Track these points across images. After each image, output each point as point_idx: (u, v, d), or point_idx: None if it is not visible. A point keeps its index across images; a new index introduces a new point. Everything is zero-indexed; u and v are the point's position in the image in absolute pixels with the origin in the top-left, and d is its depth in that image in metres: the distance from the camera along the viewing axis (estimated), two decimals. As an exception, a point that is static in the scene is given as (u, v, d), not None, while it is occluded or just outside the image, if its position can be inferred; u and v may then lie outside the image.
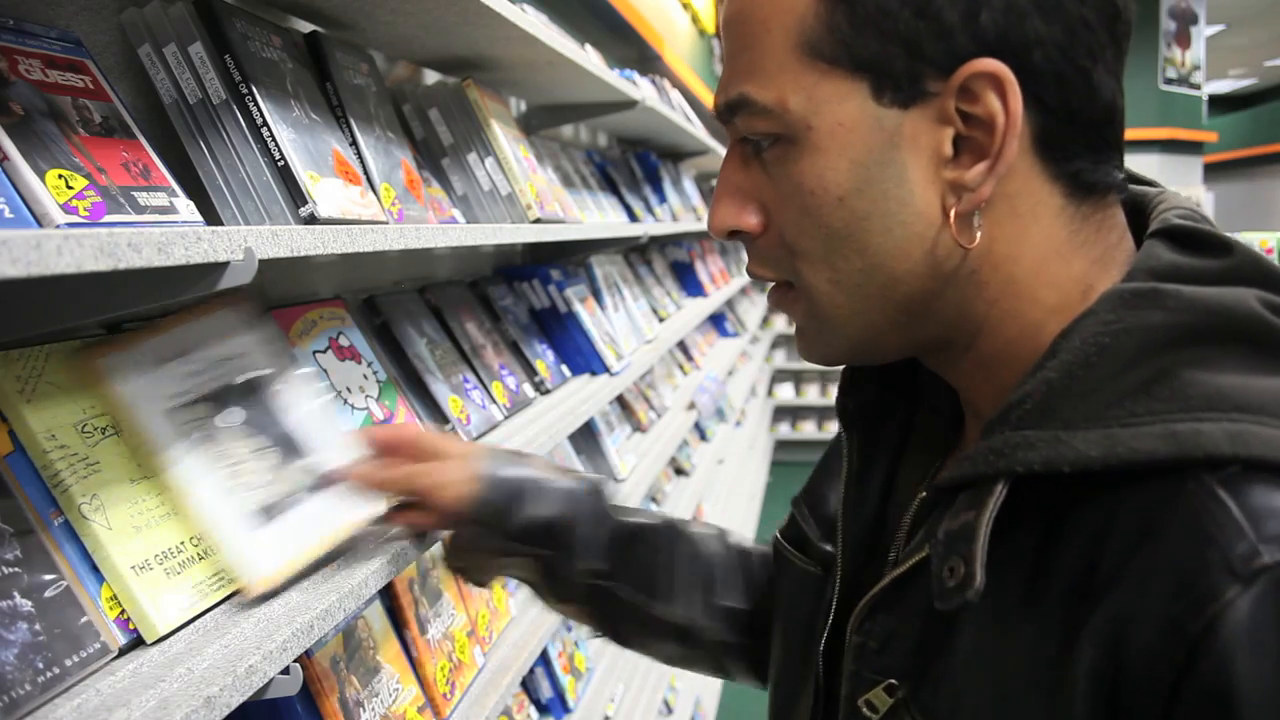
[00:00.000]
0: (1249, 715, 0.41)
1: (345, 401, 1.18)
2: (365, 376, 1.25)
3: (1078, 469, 0.48)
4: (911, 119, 0.53)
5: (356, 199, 1.09)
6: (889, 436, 0.70)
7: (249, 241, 0.77)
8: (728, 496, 4.51)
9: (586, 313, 2.12)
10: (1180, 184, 7.46)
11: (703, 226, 3.77)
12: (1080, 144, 0.55)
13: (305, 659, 0.97)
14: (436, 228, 1.19)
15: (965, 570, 0.50)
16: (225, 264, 0.75)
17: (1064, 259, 0.56)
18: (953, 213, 0.54)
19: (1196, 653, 0.42)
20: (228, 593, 0.85)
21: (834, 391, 0.74)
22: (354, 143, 1.20)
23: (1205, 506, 0.44)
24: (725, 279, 4.58)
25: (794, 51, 0.54)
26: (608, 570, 0.88)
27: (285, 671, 0.77)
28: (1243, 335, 0.49)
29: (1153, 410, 0.47)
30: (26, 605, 0.69)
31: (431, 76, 1.82)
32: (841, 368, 0.73)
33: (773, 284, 0.63)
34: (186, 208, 0.87)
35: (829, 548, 0.72)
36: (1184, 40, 7.25)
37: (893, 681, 0.59)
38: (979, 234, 0.54)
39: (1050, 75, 0.52)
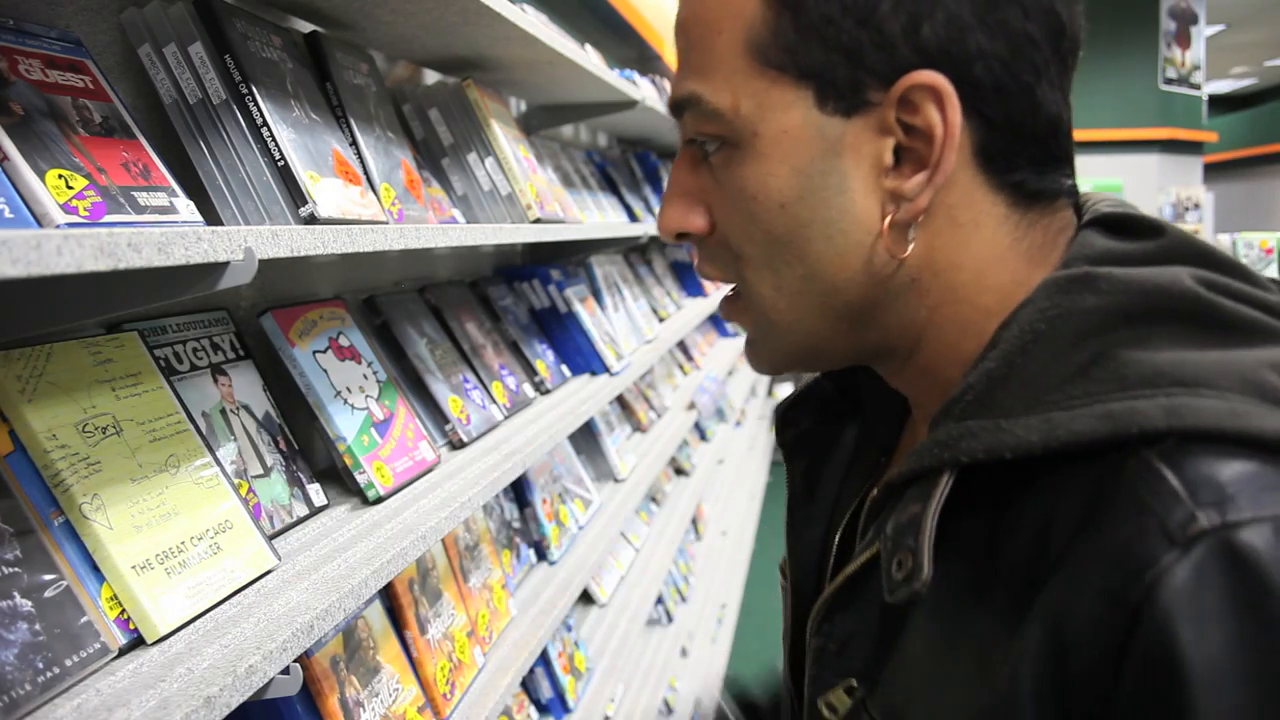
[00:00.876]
0: (1196, 680, 0.41)
1: (345, 401, 1.18)
2: (365, 376, 1.25)
3: (1020, 455, 0.48)
4: (854, 128, 0.54)
5: (356, 199, 1.09)
6: (833, 461, 0.72)
7: (249, 241, 0.77)
8: (728, 496, 4.51)
9: (586, 313, 2.12)
10: (1180, 184, 7.45)
11: (703, 226, 3.77)
12: (1023, 156, 0.55)
13: (305, 659, 0.97)
14: (436, 228, 1.19)
15: (913, 562, 0.50)
16: (225, 264, 0.75)
17: (1005, 264, 0.56)
18: (887, 222, 0.54)
19: (1139, 619, 0.43)
20: (228, 592, 0.85)
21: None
22: (354, 143, 1.20)
23: (1143, 479, 0.45)
24: (725, 279, 4.57)
25: (744, 56, 0.55)
26: None
27: (285, 671, 0.77)
28: (1178, 312, 0.49)
29: (1089, 392, 0.48)
30: (26, 605, 0.69)
31: (431, 76, 1.82)
32: (783, 399, 0.76)
33: (724, 296, 0.64)
34: (186, 208, 0.87)
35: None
36: (1184, 40, 7.25)
37: (852, 682, 0.59)
38: (912, 244, 0.55)
39: (991, 89, 0.52)
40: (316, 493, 1.13)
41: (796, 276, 0.57)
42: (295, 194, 0.98)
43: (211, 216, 0.97)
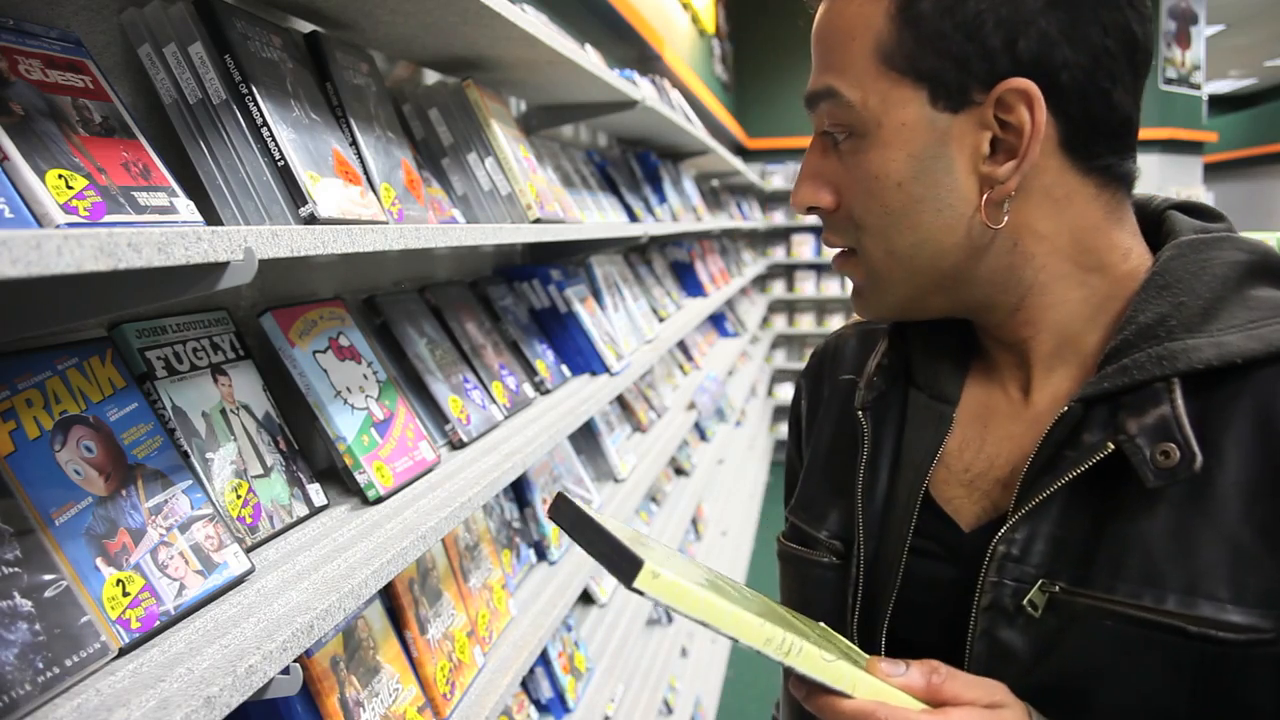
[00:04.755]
0: None
1: (345, 401, 1.18)
2: (365, 376, 1.25)
3: (1246, 359, 0.61)
4: (959, 122, 0.66)
5: (356, 199, 1.09)
6: (892, 423, 0.79)
7: (249, 241, 0.77)
8: (728, 496, 4.51)
9: (586, 313, 2.11)
10: (1180, 184, 7.44)
11: (702, 227, 3.77)
12: (1102, 146, 0.67)
13: (305, 659, 0.97)
14: (436, 228, 1.19)
15: (1180, 453, 0.61)
16: (225, 264, 0.75)
17: (1104, 232, 0.70)
18: (983, 199, 0.67)
19: None
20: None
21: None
22: (354, 143, 1.20)
23: None
24: (725, 279, 4.58)
25: (872, 60, 0.67)
26: None
27: (285, 671, 0.78)
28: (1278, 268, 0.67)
29: (1260, 317, 0.63)
30: (26, 605, 0.69)
31: (431, 76, 1.82)
32: (868, 368, 0.82)
33: (837, 251, 0.76)
34: (186, 208, 0.87)
35: (836, 541, 0.80)
36: (1184, 40, 7.24)
37: (1044, 580, 0.66)
38: (1006, 217, 0.67)
39: (1075, 93, 0.65)
40: (316, 493, 1.13)
41: (908, 243, 0.70)
42: (295, 194, 0.98)
43: (211, 216, 0.97)
